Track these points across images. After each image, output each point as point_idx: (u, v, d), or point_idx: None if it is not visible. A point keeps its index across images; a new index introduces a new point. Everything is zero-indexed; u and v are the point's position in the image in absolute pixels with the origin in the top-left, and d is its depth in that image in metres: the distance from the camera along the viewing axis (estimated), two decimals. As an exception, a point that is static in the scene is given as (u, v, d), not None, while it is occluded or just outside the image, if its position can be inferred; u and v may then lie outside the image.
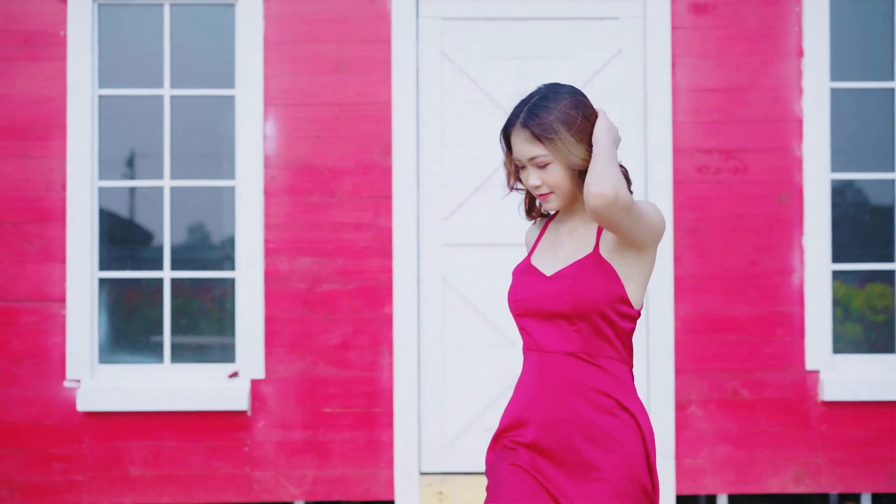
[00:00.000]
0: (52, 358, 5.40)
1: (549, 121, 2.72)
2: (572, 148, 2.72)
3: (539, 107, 2.75)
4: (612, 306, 2.73)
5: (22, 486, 5.39)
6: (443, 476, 5.44)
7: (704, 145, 5.48)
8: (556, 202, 2.80)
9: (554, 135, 2.71)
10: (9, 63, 5.42)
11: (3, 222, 5.41)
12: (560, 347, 2.76)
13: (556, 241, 2.86)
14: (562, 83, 2.82)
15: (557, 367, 2.76)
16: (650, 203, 2.74)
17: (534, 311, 2.78)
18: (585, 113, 2.75)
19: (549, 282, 2.77)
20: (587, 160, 2.73)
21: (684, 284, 5.46)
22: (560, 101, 2.75)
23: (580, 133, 2.73)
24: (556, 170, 2.74)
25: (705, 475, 5.44)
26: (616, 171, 2.63)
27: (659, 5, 5.46)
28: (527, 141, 2.74)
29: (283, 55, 5.46)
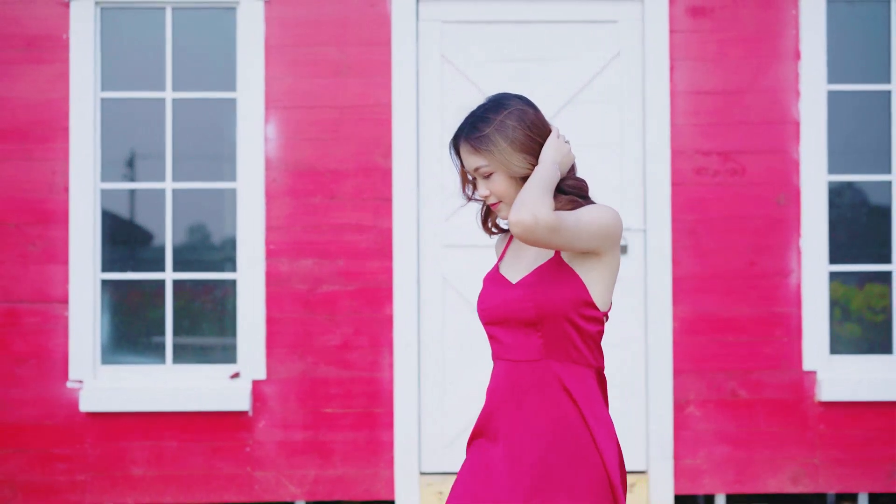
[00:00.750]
0: (54, 358, 5.44)
1: (487, 132, 2.76)
2: (511, 158, 2.75)
3: (480, 119, 2.80)
4: (577, 310, 2.76)
5: (25, 486, 5.43)
6: (443, 476, 5.48)
7: (703, 147, 5.52)
8: (506, 210, 2.83)
9: (492, 146, 2.75)
10: (12, 66, 5.46)
11: (6, 224, 5.45)
12: (525, 355, 2.78)
13: (521, 249, 2.90)
14: (511, 94, 2.86)
15: (522, 376, 2.78)
16: (599, 207, 2.76)
17: (500, 319, 2.81)
18: (529, 123, 2.78)
19: (513, 289, 2.80)
20: (529, 170, 2.77)
21: (683, 285, 5.49)
22: (501, 112, 2.79)
23: (520, 143, 2.76)
24: (500, 179, 2.78)
25: (704, 475, 5.48)
26: (540, 195, 2.65)
27: (657, 9, 5.50)
28: (469, 152, 2.79)
29: (283, 58, 5.50)
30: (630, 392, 5.51)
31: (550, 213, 2.64)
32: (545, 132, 2.81)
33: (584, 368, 2.78)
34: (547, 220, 2.62)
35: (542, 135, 2.80)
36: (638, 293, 5.52)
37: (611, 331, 5.48)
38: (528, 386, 2.77)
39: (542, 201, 2.64)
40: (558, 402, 2.75)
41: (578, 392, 2.76)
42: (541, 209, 2.63)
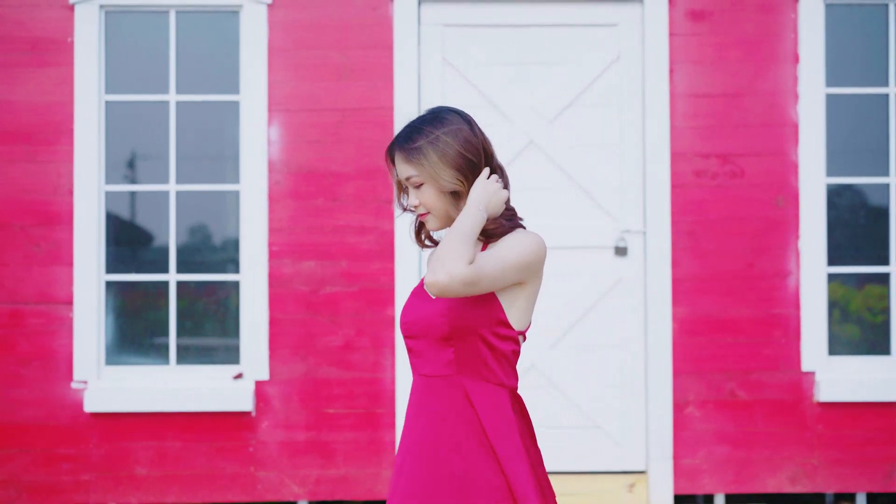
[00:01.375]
0: (59, 359, 5.48)
1: (420, 144, 2.77)
2: (441, 172, 2.76)
3: (416, 130, 2.80)
4: (491, 328, 2.76)
5: (29, 486, 5.47)
6: (444, 476, 5.51)
7: (702, 150, 5.57)
8: (434, 223, 2.84)
9: (424, 158, 2.76)
10: (17, 69, 5.51)
11: (11, 226, 5.49)
12: (437, 371, 2.79)
13: None
14: (451, 109, 2.86)
15: (433, 391, 2.79)
16: (523, 240, 2.76)
17: (417, 334, 2.81)
18: (463, 140, 2.78)
19: (432, 304, 2.80)
20: (458, 186, 2.77)
21: (682, 287, 5.54)
22: (438, 126, 2.79)
23: (451, 160, 2.76)
24: (429, 191, 2.79)
25: (703, 475, 5.52)
26: (458, 249, 2.64)
27: (657, 12, 5.54)
28: (402, 161, 2.80)
29: (286, 61, 5.55)
30: (630, 392, 5.55)
31: (466, 270, 2.65)
32: (479, 151, 2.80)
33: (496, 387, 2.78)
34: (463, 277, 2.63)
35: (475, 154, 2.79)
36: (638, 294, 5.56)
37: (610, 332, 5.53)
38: (438, 402, 2.78)
39: (459, 257, 2.64)
40: (465, 419, 2.76)
41: (486, 410, 2.76)
42: (456, 267, 2.63)
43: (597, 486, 5.49)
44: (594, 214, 5.59)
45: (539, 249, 2.78)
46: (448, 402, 2.78)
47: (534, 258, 2.76)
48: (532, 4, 5.61)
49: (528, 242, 2.77)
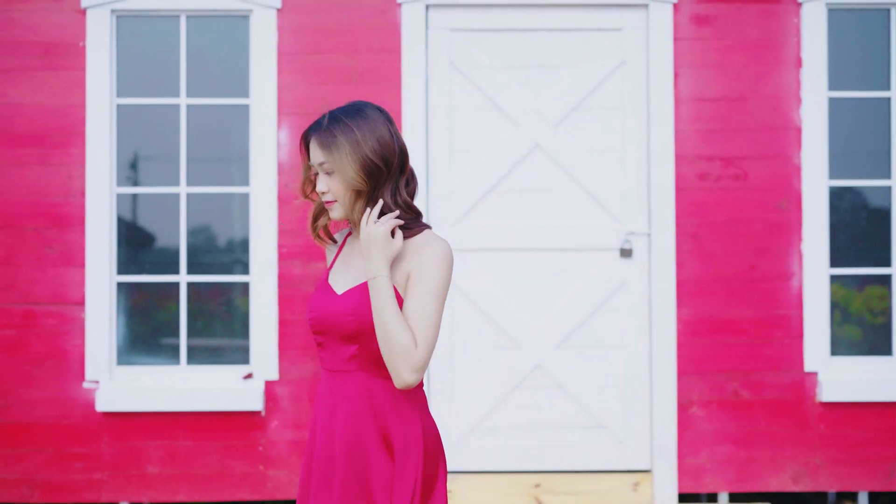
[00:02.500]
0: (71, 359, 5.55)
1: (336, 134, 2.81)
2: (348, 167, 2.80)
3: (335, 119, 2.85)
4: None
5: (42, 484, 5.54)
6: (452, 475, 5.59)
7: (706, 153, 5.63)
8: (339, 212, 2.87)
9: (335, 148, 2.80)
10: (30, 73, 5.58)
11: (24, 228, 5.56)
12: (341, 366, 2.84)
13: (351, 259, 2.93)
14: (373, 107, 2.89)
15: (337, 386, 2.84)
16: (437, 263, 2.78)
17: (324, 329, 2.85)
18: (376, 139, 2.82)
19: (338, 300, 2.84)
20: (361, 185, 2.81)
21: (686, 288, 5.61)
22: (357, 120, 2.84)
23: (360, 157, 2.80)
24: (338, 181, 2.82)
25: (706, 474, 5.59)
26: (400, 344, 2.70)
27: (661, 17, 5.61)
28: (316, 146, 2.84)
29: (296, 65, 5.61)
30: (634, 393, 5.62)
31: (421, 353, 2.71)
32: (391, 154, 2.83)
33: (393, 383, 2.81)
34: (423, 361, 2.72)
35: (385, 156, 2.83)
36: (642, 295, 5.63)
37: (615, 332, 5.60)
38: (340, 397, 2.83)
39: (405, 346, 2.70)
40: (363, 415, 2.81)
41: (384, 408, 2.81)
42: (412, 359, 2.70)
43: (602, 484, 5.56)
44: (599, 217, 5.66)
45: (452, 260, 2.83)
46: (350, 398, 2.82)
47: (451, 272, 2.82)
48: (538, 9, 5.67)
49: (445, 259, 2.80)
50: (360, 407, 2.82)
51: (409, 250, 2.83)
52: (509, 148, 5.67)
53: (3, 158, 5.57)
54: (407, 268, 2.82)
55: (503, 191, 5.67)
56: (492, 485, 5.56)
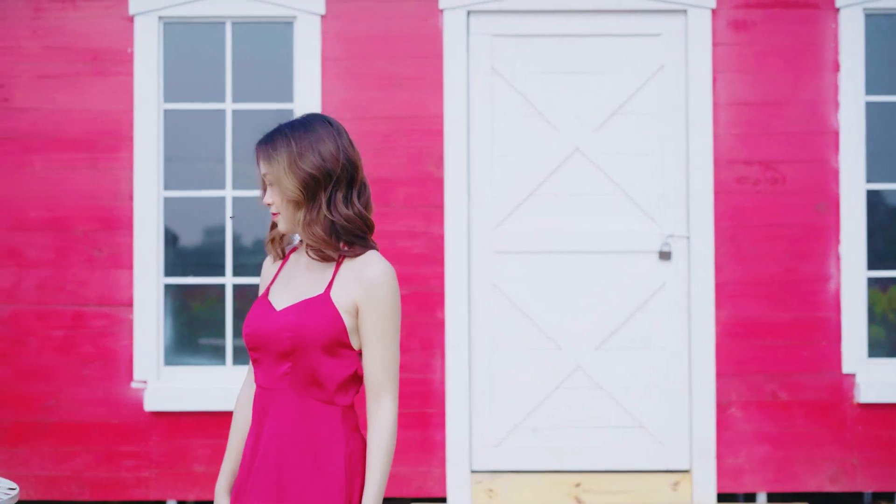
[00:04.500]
0: (119, 360, 5.66)
1: (277, 146, 2.77)
2: (284, 179, 2.76)
3: (279, 131, 2.81)
4: (330, 349, 2.75)
5: (92, 482, 5.66)
6: (492, 474, 5.67)
7: (744, 157, 5.70)
8: (283, 224, 2.83)
9: (275, 160, 2.76)
10: (80, 79, 5.69)
11: (74, 231, 5.68)
12: (274, 384, 2.78)
13: (293, 275, 2.88)
14: (325, 119, 2.85)
15: (268, 404, 2.78)
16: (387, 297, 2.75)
17: (260, 346, 2.79)
18: (317, 154, 2.78)
19: (276, 317, 2.79)
20: (298, 197, 2.76)
21: (725, 291, 5.67)
22: (300, 133, 2.79)
23: (297, 170, 2.75)
24: (278, 192, 2.79)
25: (745, 474, 5.66)
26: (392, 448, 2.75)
27: (700, 23, 5.68)
28: (261, 157, 2.81)
29: (339, 70, 5.71)
30: (674, 393, 5.70)
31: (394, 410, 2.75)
32: (334, 168, 2.78)
33: (327, 406, 2.77)
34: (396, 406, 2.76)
35: (323, 171, 2.77)
36: (681, 297, 5.70)
37: (655, 334, 5.67)
38: (270, 415, 2.77)
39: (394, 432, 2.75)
40: (290, 435, 2.76)
41: (311, 428, 2.76)
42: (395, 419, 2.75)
43: (641, 484, 5.64)
44: (638, 220, 5.73)
45: (397, 283, 2.80)
46: (278, 416, 2.77)
47: (398, 294, 2.79)
48: (578, 15, 5.75)
49: (393, 288, 2.78)
50: (287, 427, 2.77)
51: (349, 273, 2.78)
52: (550, 152, 5.75)
53: (54, 163, 5.68)
54: (352, 293, 2.76)
55: (543, 194, 5.75)
56: (533, 484, 5.64)
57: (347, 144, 2.83)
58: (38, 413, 5.65)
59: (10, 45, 5.69)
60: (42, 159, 5.68)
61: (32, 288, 5.66)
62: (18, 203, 5.67)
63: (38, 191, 5.68)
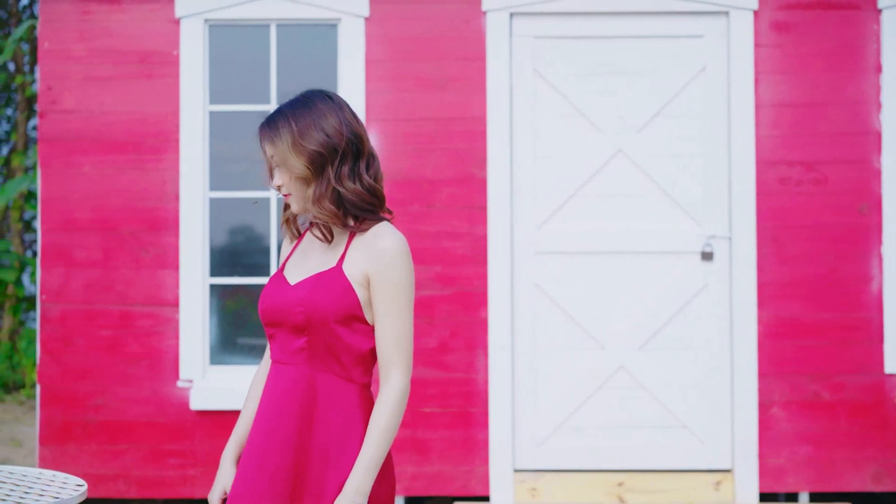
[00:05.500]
0: (166, 359, 5.72)
1: (279, 127, 2.78)
2: (290, 158, 2.76)
3: (280, 112, 2.81)
4: (345, 323, 2.75)
5: (139, 480, 5.72)
6: (536, 473, 5.71)
7: (786, 157, 5.73)
8: (295, 204, 2.83)
9: (279, 140, 2.77)
10: (127, 81, 5.75)
11: (121, 231, 5.74)
12: (290, 359, 2.78)
13: (308, 252, 2.89)
14: (325, 94, 2.84)
15: (284, 380, 2.78)
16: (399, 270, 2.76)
17: (275, 321, 2.80)
18: (321, 130, 2.77)
19: (290, 291, 2.79)
20: (307, 174, 2.77)
21: (767, 291, 5.70)
22: (301, 111, 2.80)
23: (303, 148, 2.76)
24: (286, 172, 2.79)
25: (787, 474, 5.69)
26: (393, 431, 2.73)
27: (742, 24, 5.70)
28: (265, 140, 2.81)
29: (383, 72, 5.76)
30: (716, 393, 5.72)
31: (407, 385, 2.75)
32: (339, 143, 2.78)
33: (345, 382, 2.77)
34: (408, 381, 2.74)
35: (328, 146, 2.77)
36: (723, 298, 5.73)
37: (697, 334, 5.70)
38: (286, 391, 2.77)
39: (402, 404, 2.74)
40: (306, 411, 2.76)
41: (329, 405, 2.75)
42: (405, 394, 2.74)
43: (684, 483, 5.67)
44: (680, 220, 5.76)
45: (410, 254, 2.80)
46: (295, 392, 2.76)
47: (412, 267, 2.79)
48: (620, 17, 5.78)
49: (405, 259, 2.78)
50: (304, 401, 2.76)
51: (360, 245, 2.80)
52: (592, 153, 5.79)
53: (101, 164, 5.75)
54: (364, 266, 2.78)
55: (586, 195, 5.79)
56: (575, 483, 5.68)
57: (350, 117, 2.82)
58: (85, 411, 5.71)
59: (59, 48, 5.76)
60: (90, 161, 5.75)
61: (80, 288, 5.73)
62: (67, 204, 5.74)
63: (86, 192, 5.74)
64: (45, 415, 5.73)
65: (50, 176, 5.75)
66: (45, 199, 5.75)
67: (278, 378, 2.81)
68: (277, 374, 2.81)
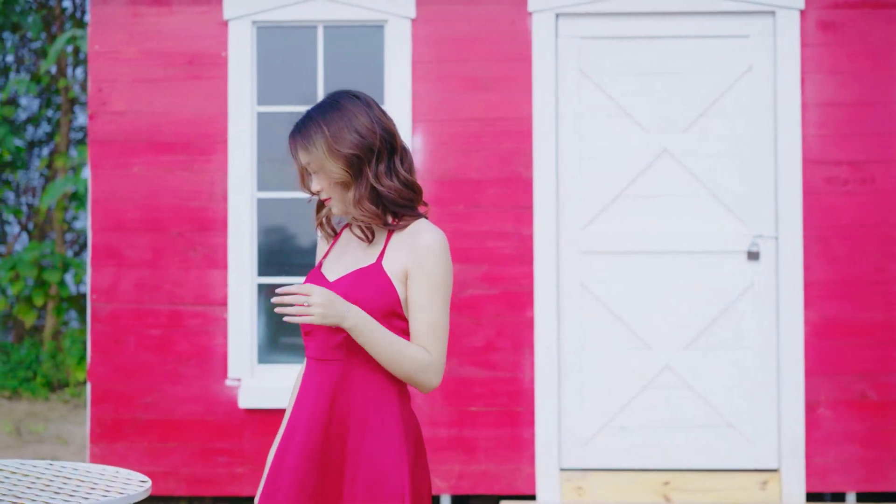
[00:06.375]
0: (214, 358, 5.77)
1: (311, 134, 2.79)
2: (327, 164, 2.77)
3: (309, 119, 2.82)
4: (385, 319, 2.76)
5: (188, 478, 5.77)
6: (582, 472, 5.73)
7: (833, 157, 5.72)
8: (336, 207, 2.83)
9: (313, 147, 2.78)
10: (175, 83, 5.81)
11: (170, 232, 5.80)
12: (327, 355, 2.79)
13: (346, 249, 2.90)
14: (351, 94, 2.84)
15: (322, 376, 2.79)
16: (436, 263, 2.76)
17: None
18: (353, 132, 2.78)
19: (329, 287, 2.79)
20: (345, 177, 2.78)
21: (813, 291, 5.69)
22: (330, 115, 2.80)
23: (337, 152, 2.77)
24: (324, 177, 2.80)
25: (834, 473, 5.68)
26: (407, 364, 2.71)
27: (789, 23, 5.70)
28: (298, 149, 2.83)
29: (429, 73, 5.79)
30: (762, 393, 5.72)
31: (436, 364, 2.74)
32: (373, 142, 2.78)
33: (383, 377, 2.78)
34: (439, 378, 2.76)
35: (363, 147, 2.77)
36: (770, 297, 5.73)
37: (743, 334, 5.70)
38: (325, 387, 2.78)
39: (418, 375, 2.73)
40: (346, 404, 2.77)
41: (366, 401, 2.76)
42: (429, 383, 2.74)
43: (730, 483, 5.67)
44: (726, 220, 5.76)
45: (448, 250, 2.80)
46: (334, 388, 2.77)
47: (450, 263, 2.79)
48: (666, 17, 5.79)
49: (443, 254, 2.78)
50: (340, 398, 2.78)
51: (400, 241, 2.80)
52: (637, 153, 5.80)
53: (151, 165, 5.80)
54: (404, 261, 2.79)
55: (631, 195, 5.80)
56: (621, 482, 5.69)
57: (380, 114, 2.83)
58: (135, 410, 5.77)
59: (109, 50, 5.82)
60: (140, 161, 5.81)
61: (130, 287, 5.78)
62: (117, 204, 5.80)
63: (136, 192, 5.80)
64: (95, 413, 5.79)
65: (100, 176, 5.82)
66: (96, 199, 5.82)
67: (314, 375, 2.82)
68: (314, 372, 2.82)
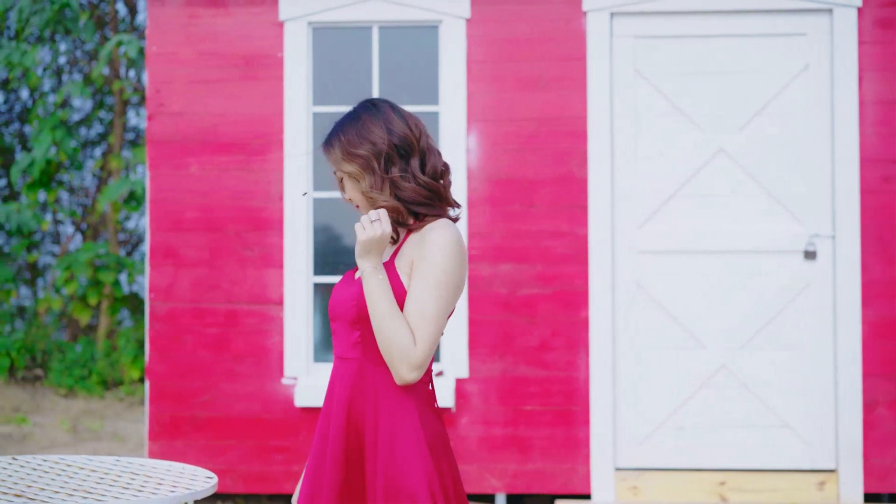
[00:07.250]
0: (270, 357, 5.82)
1: (333, 143, 2.87)
2: (345, 167, 2.86)
3: (333, 131, 2.90)
4: None
5: (244, 475, 5.82)
6: (637, 471, 5.72)
7: (891, 156, 5.68)
8: (364, 211, 2.89)
9: (335, 155, 2.86)
10: (232, 84, 5.86)
11: (227, 231, 5.85)
12: (347, 353, 2.84)
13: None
14: (372, 103, 2.89)
15: (342, 373, 2.83)
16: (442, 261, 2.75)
17: (334, 316, 2.88)
18: (369, 141, 2.82)
19: (349, 287, 2.86)
20: (372, 187, 2.82)
21: (871, 290, 5.65)
22: (350, 125, 2.87)
23: (354, 159, 2.83)
24: (351, 185, 2.87)
25: (893, 474, 5.63)
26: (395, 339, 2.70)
27: (846, 21, 5.66)
28: (326, 156, 2.91)
29: (484, 73, 5.80)
30: (819, 393, 5.69)
31: (420, 350, 2.71)
32: (391, 148, 2.82)
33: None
34: (418, 373, 2.71)
35: (378, 155, 2.81)
36: (827, 297, 5.69)
37: (800, 334, 5.67)
38: (345, 384, 2.81)
39: (400, 343, 2.70)
40: (362, 403, 2.79)
41: (384, 396, 2.78)
42: (405, 371, 2.71)
43: (787, 483, 5.64)
44: (783, 220, 5.73)
45: (459, 247, 2.79)
46: (353, 385, 2.80)
47: (458, 260, 2.78)
48: (721, 16, 5.77)
49: (449, 246, 2.77)
50: (359, 396, 2.81)
51: (414, 239, 2.84)
52: (692, 153, 5.78)
53: (208, 165, 5.86)
54: (412, 255, 2.82)
55: (687, 195, 5.78)
56: (677, 482, 5.68)
57: (394, 120, 2.85)
58: (193, 407, 5.83)
59: (167, 52, 5.88)
60: (197, 161, 5.86)
61: (188, 287, 5.84)
62: (175, 205, 5.86)
63: (193, 192, 5.86)
64: (153, 410, 5.85)
65: (158, 177, 5.88)
66: (154, 199, 5.88)
67: (337, 374, 2.86)
68: (337, 371, 2.87)
